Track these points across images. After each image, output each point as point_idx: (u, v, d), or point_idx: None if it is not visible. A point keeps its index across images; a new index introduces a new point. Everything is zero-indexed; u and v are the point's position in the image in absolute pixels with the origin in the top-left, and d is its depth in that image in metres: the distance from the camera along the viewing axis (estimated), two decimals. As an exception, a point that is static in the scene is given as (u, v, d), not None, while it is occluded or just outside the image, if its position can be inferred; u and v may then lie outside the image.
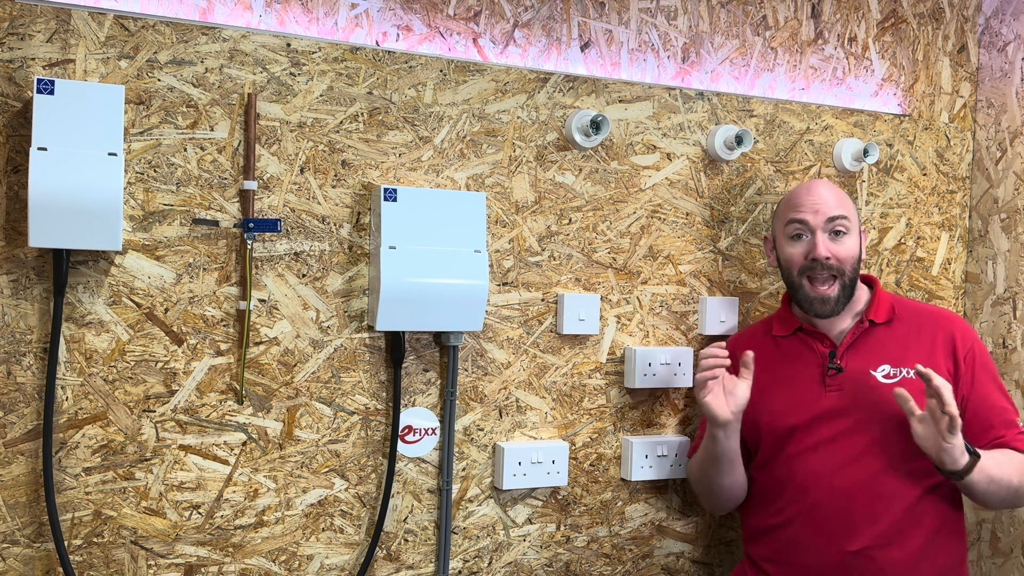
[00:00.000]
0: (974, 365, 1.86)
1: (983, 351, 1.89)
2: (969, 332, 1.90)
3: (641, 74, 2.07)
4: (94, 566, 1.66)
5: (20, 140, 1.59)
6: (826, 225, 1.87)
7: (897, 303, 1.95)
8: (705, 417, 1.91)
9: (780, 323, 1.98)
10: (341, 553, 1.83)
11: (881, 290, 1.96)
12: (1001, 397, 1.86)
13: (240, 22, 1.75)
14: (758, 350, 1.97)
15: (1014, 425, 1.83)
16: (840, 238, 1.87)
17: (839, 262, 1.86)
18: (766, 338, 1.99)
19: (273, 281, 1.76)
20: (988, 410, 1.84)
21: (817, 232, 1.87)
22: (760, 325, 2.05)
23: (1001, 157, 2.36)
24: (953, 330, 1.89)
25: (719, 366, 1.83)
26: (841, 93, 2.29)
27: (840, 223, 1.87)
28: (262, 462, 1.76)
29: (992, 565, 2.32)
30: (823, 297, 1.87)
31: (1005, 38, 2.37)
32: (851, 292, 1.89)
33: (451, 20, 1.90)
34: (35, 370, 1.61)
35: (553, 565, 2.01)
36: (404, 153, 1.85)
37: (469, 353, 1.91)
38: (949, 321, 1.91)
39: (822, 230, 1.87)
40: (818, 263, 1.86)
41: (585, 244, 2.00)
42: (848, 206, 1.90)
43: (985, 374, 1.87)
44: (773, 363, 1.94)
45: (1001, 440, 1.82)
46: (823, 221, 1.87)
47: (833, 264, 1.86)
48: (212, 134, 1.70)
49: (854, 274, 1.89)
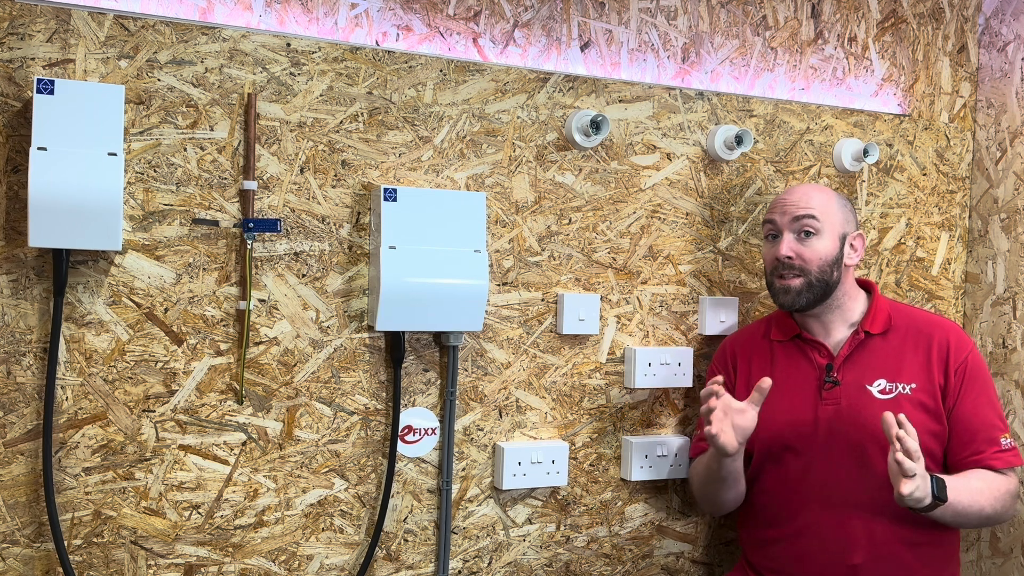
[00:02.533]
0: (964, 378, 1.84)
1: (977, 363, 1.87)
2: (965, 343, 1.88)
3: (641, 74, 2.07)
4: (94, 566, 1.66)
5: (20, 140, 1.59)
6: (792, 224, 1.87)
7: (894, 311, 1.93)
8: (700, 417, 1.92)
9: (778, 327, 1.98)
10: (341, 553, 1.83)
11: (879, 297, 1.94)
12: (990, 412, 1.84)
13: (240, 22, 1.75)
14: (755, 352, 1.97)
15: (995, 443, 1.82)
16: (808, 239, 1.87)
17: (803, 262, 1.86)
18: (763, 341, 1.98)
19: (273, 281, 1.76)
20: (972, 425, 1.83)
21: (784, 232, 1.88)
22: (758, 326, 2.04)
23: (1001, 157, 2.36)
24: (948, 341, 1.87)
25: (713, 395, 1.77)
26: (841, 93, 2.29)
27: (807, 223, 1.86)
28: (262, 462, 1.76)
29: (992, 565, 2.32)
30: (784, 287, 1.87)
31: (1005, 38, 2.37)
32: (821, 291, 1.87)
33: (451, 20, 1.90)
34: (35, 370, 1.61)
35: (553, 565, 2.01)
36: (404, 153, 1.85)
37: (469, 353, 1.91)
38: (945, 331, 1.89)
39: (789, 230, 1.88)
40: (780, 263, 1.87)
41: (585, 244, 2.00)
42: (824, 208, 1.88)
43: (975, 387, 1.85)
44: (770, 369, 1.93)
45: (979, 457, 1.81)
46: (789, 221, 1.88)
47: (796, 264, 1.86)
48: (212, 134, 1.70)
49: (822, 275, 1.86)
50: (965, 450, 1.82)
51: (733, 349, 2.01)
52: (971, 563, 2.36)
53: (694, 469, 2.00)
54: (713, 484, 1.90)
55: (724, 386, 1.97)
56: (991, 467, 1.80)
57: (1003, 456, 1.81)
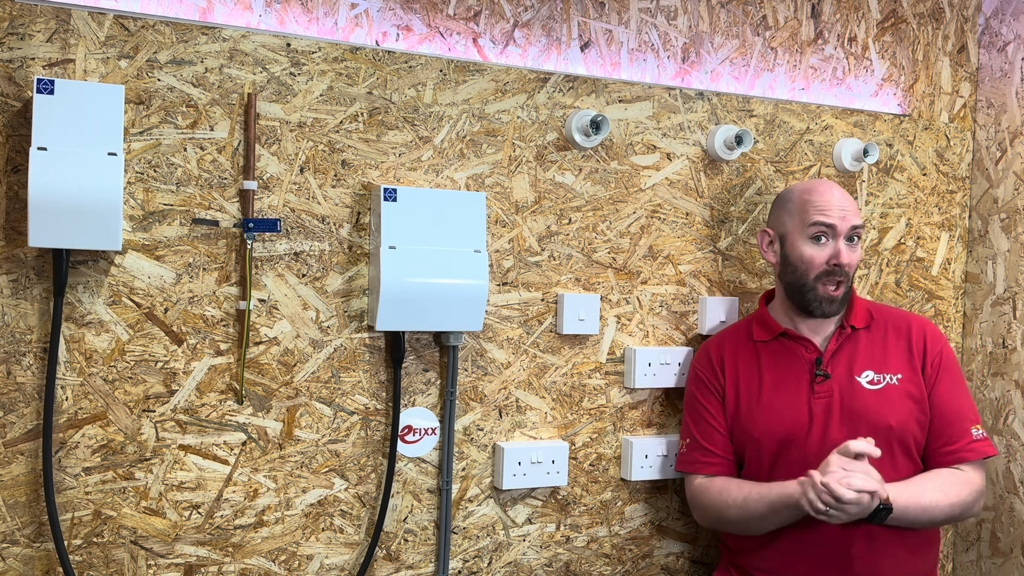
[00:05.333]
0: (940, 368, 1.90)
1: (951, 355, 1.94)
2: (939, 336, 1.95)
3: (641, 74, 2.07)
4: (94, 566, 1.66)
5: (20, 140, 1.59)
6: (849, 231, 1.89)
7: (872, 308, 1.99)
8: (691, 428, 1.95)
9: (760, 327, 1.97)
10: (341, 553, 1.83)
11: (856, 295, 1.98)
12: (962, 403, 1.89)
13: (240, 22, 1.75)
14: (741, 354, 1.96)
15: (967, 434, 1.86)
16: (854, 244, 1.91)
17: (852, 268, 1.91)
18: (748, 343, 1.97)
19: (273, 281, 1.76)
20: (945, 416, 1.87)
21: (840, 238, 1.89)
22: (738, 328, 2.02)
23: (1001, 157, 2.36)
24: (925, 333, 1.94)
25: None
26: (841, 93, 2.29)
27: (859, 231, 1.91)
28: (262, 462, 1.76)
29: (992, 565, 2.32)
30: (831, 297, 1.89)
31: (1005, 38, 2.37)
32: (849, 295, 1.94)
33: (451, 20, 1.90)
34: (35, 370, 1.61)
35: (553, 565, 2.01)
36: (404, 153, 1.85)
37: (469, 353, 1.91)
38: (921, 325, 1.96)
39: (845, 236, 1.89)
40: (839, 269, 1.88)
41: (585, 244, 2.00)
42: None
43: (948, 378, 1.90)
44: (758, 370, 1.93)
45: (952, 448, 1.85)
46: (848, 228, 1.89)
47: (848, 271, 1.89)
48: (212, 134, 1.70)
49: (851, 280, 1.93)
50: (938, 440, 1.86)
51: (719, 353, 1.98)
52: (971, 563, 2.36)
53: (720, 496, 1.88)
54: (766, 524, 1.83)
55: (713, 389, 1.97)
56: (963, 460, 1.85)
57: (976, 447, 1.85)
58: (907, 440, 1.85)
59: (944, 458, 1.86)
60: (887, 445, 1.80)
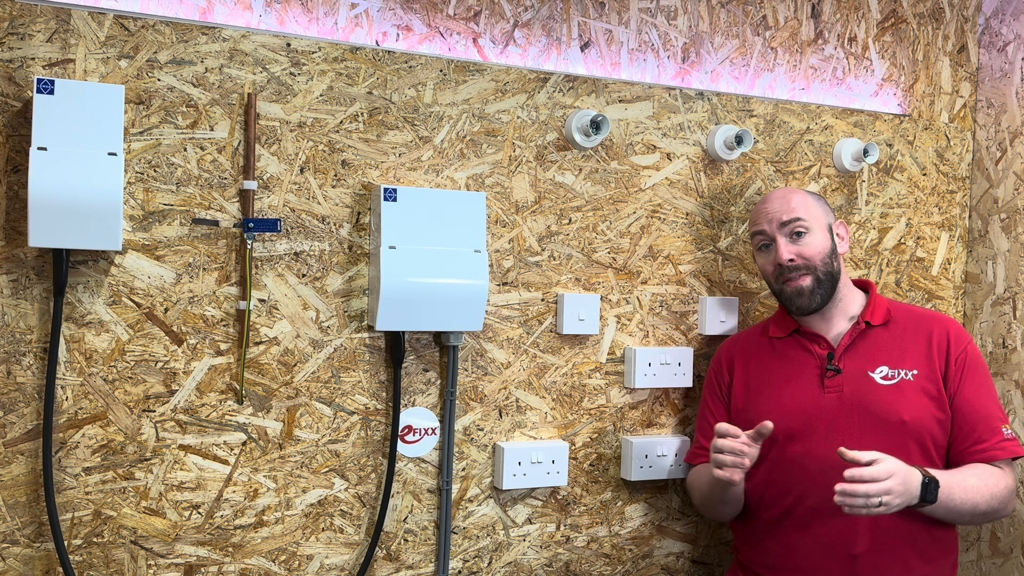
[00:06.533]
0: (965, 366, 1.87)
1: (976, 354, 1.90)
2: (963, 334, 1.91)
3: (641, 74, 2.07)
4: (94, 566, 1.66)
5: (20, 140, 1.59)
6: (782, 230, 1.90)
7: (893, 306, 1.96)
8: (696, 422, 1.95)
9: (776, 325, 1.99)
10: (341, 553, 1.83)
11: (877, 294, 1.97)
12: (989, 403, 1.86)
13: (240, 22, 1.75)
14: (754, 351, 1.98)
15: (997, 432, 1.83)
16: (801, 238, 1.90)
17: (805, 260, 1.89)
18: (762, 339, 2.00)
19: (273, 281, 1.76)
20: (973, 415, 1.84)
21: (777, 238, 1.91)
22: (757, 327, 2.05)
23: (1001, 157, 2.36)
24: (948, 330, 1.90)
25: (739, 457, 1.76)
26: (841, 93, 2.29)
27: (797, 225, 1.90)
28: (262, 462, 1.76)
29: (992, 565, 2.32)
30: (798, 289, 1.89)
31: (1005, 38, 2.37)
32: (830, 285, 1.90)
33: (451, 20, 1.90)
34: (35, 370, 1.61)
35: (553, 565, 2.01)
36: (404, 153, 1.85)
37: (469, 353, 1.91)
38: (944, 323, 1.92)
39: (781, 235, 1.90)
40: (784, 267, 1.89)
41: (585, 244, 2.00)
42: (805, 207, 1.91)
43: (975, 377, 1.87)
44: (770, 364, 1.94)
45: (981, 447, 1.82)
46: (778, 227, 1.91)
47: (799, 264, 1.89)
48: (212, 134, 1.70)
49: (827, 267, 1.90)
50: (967, 440, 1.83)
51: (730, 353, 2.02)
52: (971, 563, 2.36)
53: (695, 480, 2.00)
54: (715, 501, 1.92)
55: (718, 389, 2.01)
56: (993, 458, 1.81)
57: (1006, 446, 1.82)
58: (923, 437, 1.82)
59: (974, 457, 1.82)
60: (900, 441, 1.79)
